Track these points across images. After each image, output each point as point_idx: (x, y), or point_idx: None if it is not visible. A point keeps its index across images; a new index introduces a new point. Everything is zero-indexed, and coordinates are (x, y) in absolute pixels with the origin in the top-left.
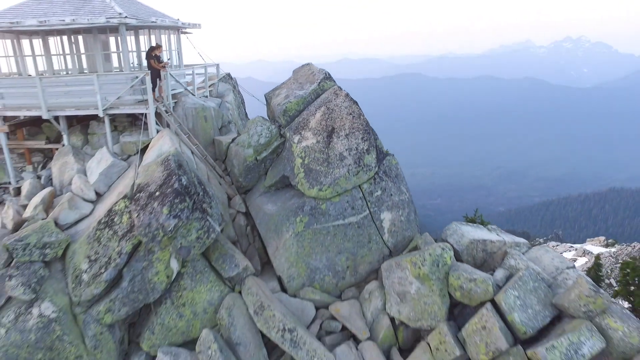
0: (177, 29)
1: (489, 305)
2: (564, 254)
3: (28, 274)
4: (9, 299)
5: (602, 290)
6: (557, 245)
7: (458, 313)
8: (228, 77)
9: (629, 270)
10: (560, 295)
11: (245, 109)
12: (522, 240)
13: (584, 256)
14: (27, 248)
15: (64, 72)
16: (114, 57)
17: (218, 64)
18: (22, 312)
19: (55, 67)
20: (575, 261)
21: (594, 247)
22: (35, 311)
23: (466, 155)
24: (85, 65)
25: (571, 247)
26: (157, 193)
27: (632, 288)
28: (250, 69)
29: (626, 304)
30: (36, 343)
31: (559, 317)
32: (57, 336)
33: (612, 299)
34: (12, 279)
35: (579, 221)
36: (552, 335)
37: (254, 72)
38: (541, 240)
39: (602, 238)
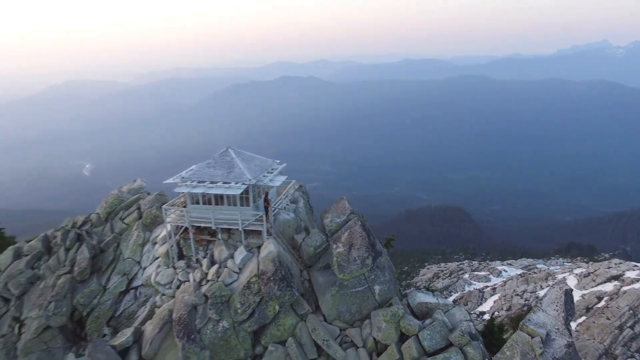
0: (273, 170)
1: (413, 337)
2: (627, 273)
3: (216, 308)
4: (217, 322)
5: (467, 335)
6: (621, 263)
7: (405, 339)
8: (299, 187)
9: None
10: (447, 334)
11: (310, 204)
12: (449, 302)
13: None
14: (215, 296)
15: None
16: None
17: (294, 181)
18: (215, 324)
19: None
20: (638, 281)
21: None
22: (220, 325)
23: (530, 160)
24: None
25: (635, 266)
26: (272, 278)
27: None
28: (312, 69)
29: None
30: (220, 338)
31: (450, 345)
32: (228, 336)
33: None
34: (211, 311)
35: None
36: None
37: (316, 71)
38: (606, 255)
39: None
